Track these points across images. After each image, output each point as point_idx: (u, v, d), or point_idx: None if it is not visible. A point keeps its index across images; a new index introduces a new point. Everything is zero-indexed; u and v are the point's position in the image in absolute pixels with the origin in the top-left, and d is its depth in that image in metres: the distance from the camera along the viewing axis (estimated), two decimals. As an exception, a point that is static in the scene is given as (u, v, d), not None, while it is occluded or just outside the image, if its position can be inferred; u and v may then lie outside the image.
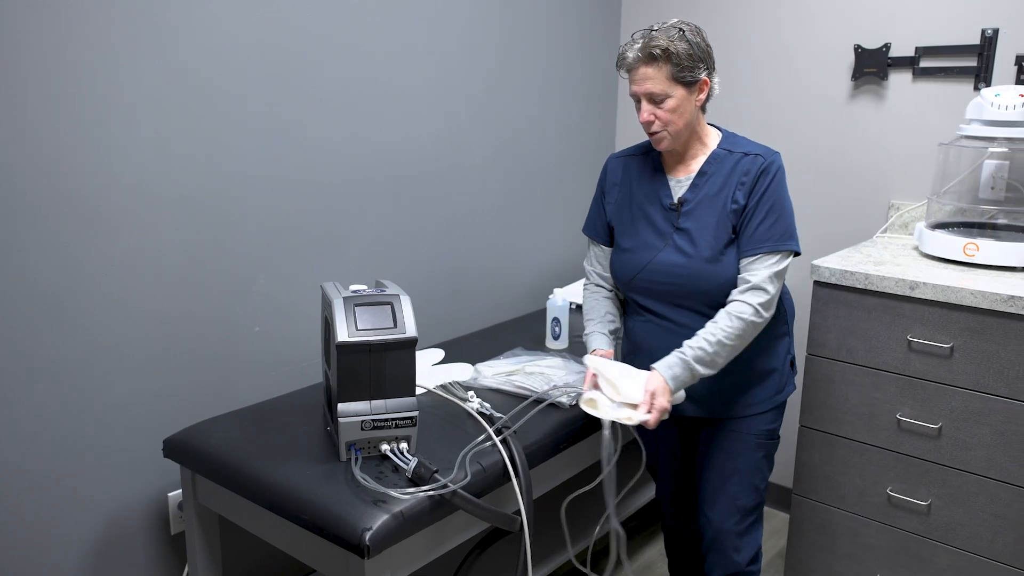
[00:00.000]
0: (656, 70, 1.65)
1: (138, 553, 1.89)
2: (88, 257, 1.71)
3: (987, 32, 2.24)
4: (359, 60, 2.14)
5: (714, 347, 1.66)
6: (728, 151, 1.76)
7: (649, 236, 1.80)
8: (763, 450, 1.83)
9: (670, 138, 1.72)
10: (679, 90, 1.67)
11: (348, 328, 1.55)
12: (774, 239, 1.69)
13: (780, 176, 1.72)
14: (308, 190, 2.08)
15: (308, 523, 1.47)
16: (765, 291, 1.67)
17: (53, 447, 1.72)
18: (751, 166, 1.72)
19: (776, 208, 1.70)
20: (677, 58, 1.64)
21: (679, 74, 1.65)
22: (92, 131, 1.67)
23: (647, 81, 1.66)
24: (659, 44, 1.63)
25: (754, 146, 1.76)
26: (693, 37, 1.67)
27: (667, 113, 1.68)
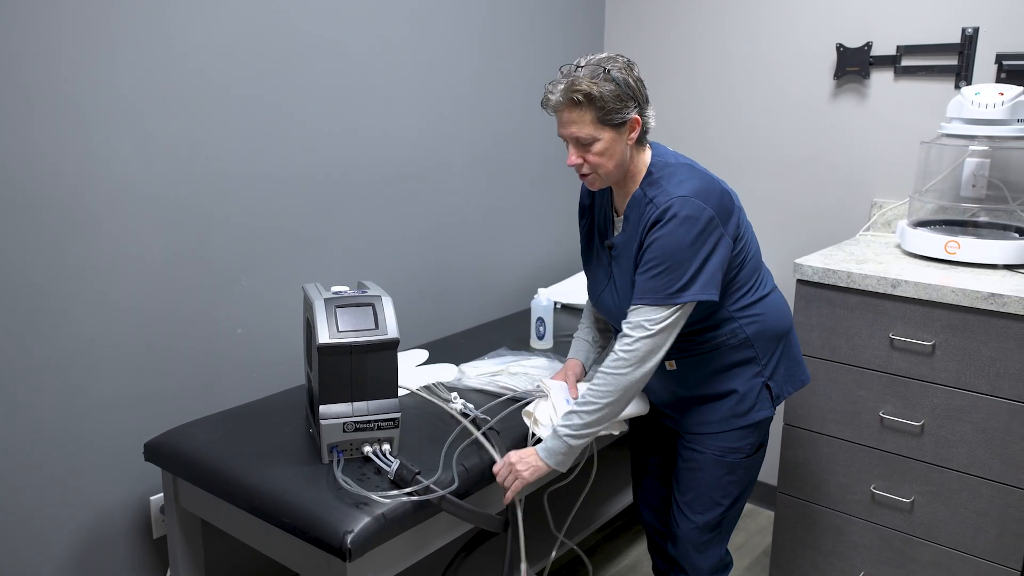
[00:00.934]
0: (580, 114, 1.55)
1: (120, 557, 1.88)
2: (67, 256, 1.69)
3: (967, 31, 2.26)
4: (343, 59, 2.13)
5: (587, 415, 1.60)
6: (644, 194, 1.63)
7: (598, 270, 1.79)
8: (725, 468, 1.74)
9: (600, 179, 1.62)
10: (607, 132, 1.56)
11: (329, 330, 1.54)
12: (652, 293, 1.56)
13: (677, 225, 1.54)
14: (291, 190, 2.07)
15: (290, 526, 1.46)
16: (629, 338, 1.57)
17: (31, 449, 1.70)
18: (650, 215, 1.58)
19: (665, 262, 1.54)
20: (601, 101, 1.53)
21: (605, 117, 1.54)
22: (72, 129, 1.66)
23: (572, 125, 1.56)
24: (580, 88, 1.52)
25: (663, 188, 1.59)
26: (620, 74, 1.55)
27: (596, 156, 1.58)
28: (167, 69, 1.78)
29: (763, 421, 1.74)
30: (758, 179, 2.72)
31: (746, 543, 2.69)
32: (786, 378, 1.78)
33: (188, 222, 1.88)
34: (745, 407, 1.72)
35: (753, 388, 1.72)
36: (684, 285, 1.55)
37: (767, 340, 1.73)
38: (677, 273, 1.54)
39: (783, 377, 1.77)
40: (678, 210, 1.54)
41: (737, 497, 1.79)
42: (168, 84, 1.79)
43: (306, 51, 2.04)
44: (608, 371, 1.59)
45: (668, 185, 1.59)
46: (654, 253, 1.56)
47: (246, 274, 2.01)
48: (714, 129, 2.78)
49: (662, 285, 1.55)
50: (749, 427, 1.73)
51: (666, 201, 1.55)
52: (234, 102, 1.92)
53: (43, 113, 1.61)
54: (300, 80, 2.04)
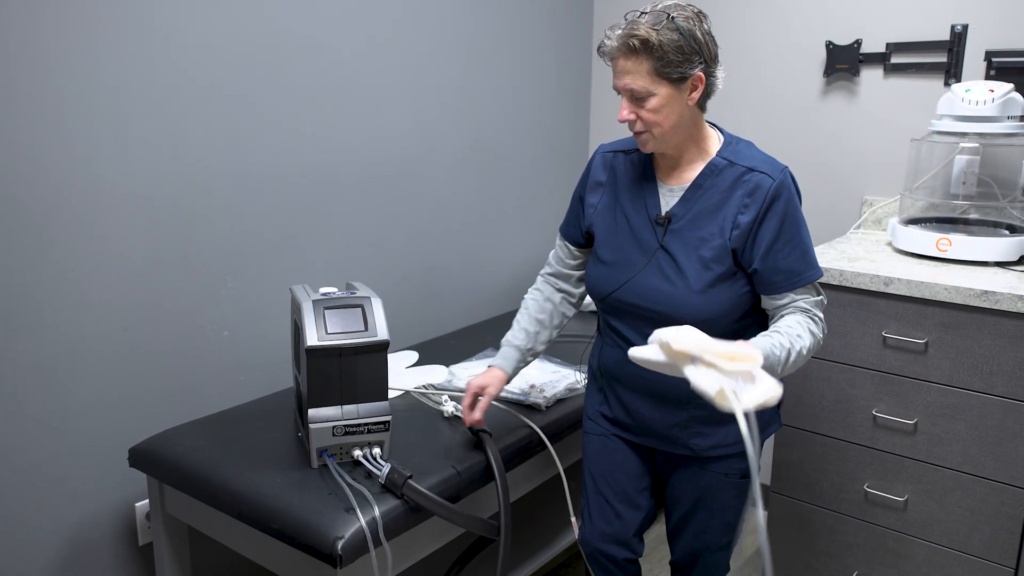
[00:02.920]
0: (636, 63, 1.41)
1: (105, 565, 1.84)
2: (49, 257, 1.66)
3: (956, 28, 2.25)
4: (330, 58, 2.10)
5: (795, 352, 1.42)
6: (729, 162, 1.51)
7: (631, 251, 1.56)
8: (736, 488, 1.64)
9: (655, 140, 1.48)
10: (664, 87, 1.42)
11: (318, 332, 1.52)
12: (805, 271, 1.49)
13: (793, 198, 1.50)
14: (278, 190, 2.04)
15: (279, 532, 1.43)
16: (822, 320, 1.51)
17: (12, 454, 1.66)
18: (759, 187, 1.47)
19: (797, 237, 1.48)
20: (660, 51, 1.39)
21: (663, 69, 1.41)
22: (54, 129, 1.62)
23: (626, 76, 1.43)
24: (639, 34, 1.39)
25: (760, 159, 1.51)
26: (687, 24, 1.41)
27: (650, 113, 1.44)
28: (151, 68, 1.75)
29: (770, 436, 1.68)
30: (748, 177, 2.71)
31: (739, 543, 2.68)
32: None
33: (172, 223, 1.85)
34: (764, 420, 1.62)
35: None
36: (815, 259, 1.52)
37: None
38: (809, 245, 1.51)
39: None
40: (792, 183, 1.51)
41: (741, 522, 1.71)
42: (151, 83, 1.76)
43: (293, 51, 2.02)
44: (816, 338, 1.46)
45: (763, 156, 1.51)
46: (791, 229, 1.48)
47: (232, 276, 1.98)
48: (704, 127, 2.77)
49: (808, 261, 1.49)
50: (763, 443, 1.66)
51: (778, 172, 1.48)
52: (219, 101, 1.89)
53: (24, 112, 1.58)
54: (286, 80, 2.01)
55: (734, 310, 1.52)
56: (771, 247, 1.46)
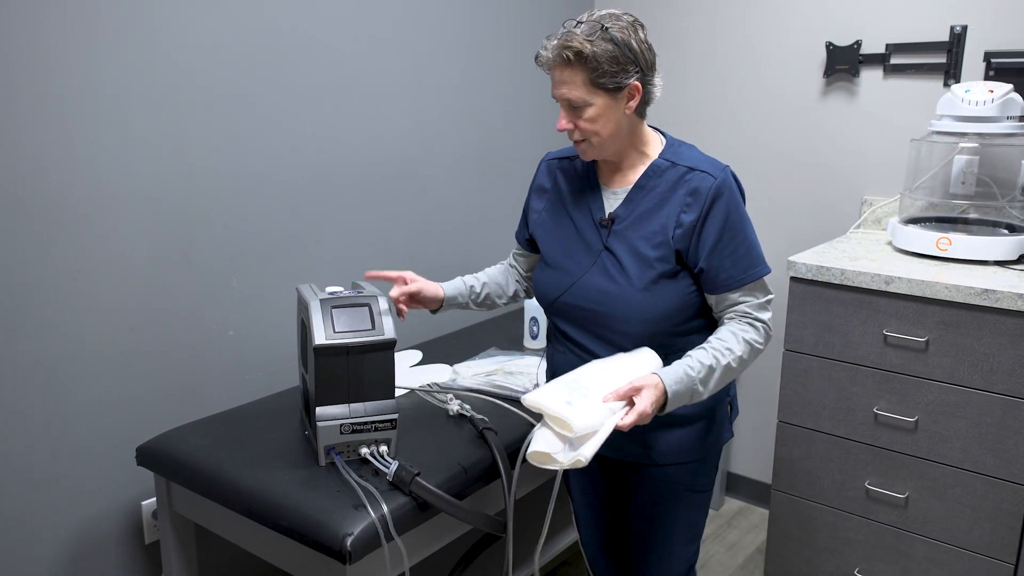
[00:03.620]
0: (571, 74, 1.43)
1: (111, 563, 1.85)
2: (53, 258, 1.67)
3: (956, 29, 2.27)
4: (331, 59, 2.11)
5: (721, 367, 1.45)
6: (671, 163, 1.52)
7: (576, 253, 1.57)
8: (697, 503, 1.65)
9: (594, 149, 1.50)
10: (600, 97, 1.44)
11: (325, 331, 1.53)
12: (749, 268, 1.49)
13: (735, 196, 1.49)
14: (280, 190, 2.05)
15: (288, 529, 1.44)
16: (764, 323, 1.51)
17: (18, 453, 1.67)
18: (700, 185, 1.47)
19: (740, 235, 1.48)
20: (594, 62, 1.41)
21: (598, 80, 1.42)
22: (57, 130, 1.63)
23: (562, 86, 1.45)
24: (572, 46, 1.40)
25: (701, 159, 1.52)
26: (622, 35, 1.42)
27: (587, 123, 1.45)
28: (153, 68, 1.76)
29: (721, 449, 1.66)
30: (748, 177, 2.72)
31: (739, 541, 2.70)
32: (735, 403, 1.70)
33: (176, 223, 1.86)
34: (718, 430, 1.63)
35: (719, 411, 1.62)
36: (761, 256, 1.52)
37: None
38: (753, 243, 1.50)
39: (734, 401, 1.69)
40: (733, 179, 1.50)
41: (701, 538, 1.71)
42: (154, 83, 1.77)
43: (295, 51, 2.03)
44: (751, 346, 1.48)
45: (703, 156, 1.52)
46: (733, 227, 1.47)
47: (236, 276, 1.99)
48: (704, 128, 2.79)
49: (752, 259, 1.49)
50: (717, 452, 1.65)
51: (719, 171, 1.48)
52: (222, 102, 1.90)
53: (27, 113, 1.59)
54: (288, 80, 2.02)
55: (680, 310, 1.52)
56: (715, 245, 1.47)
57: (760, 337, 1.51)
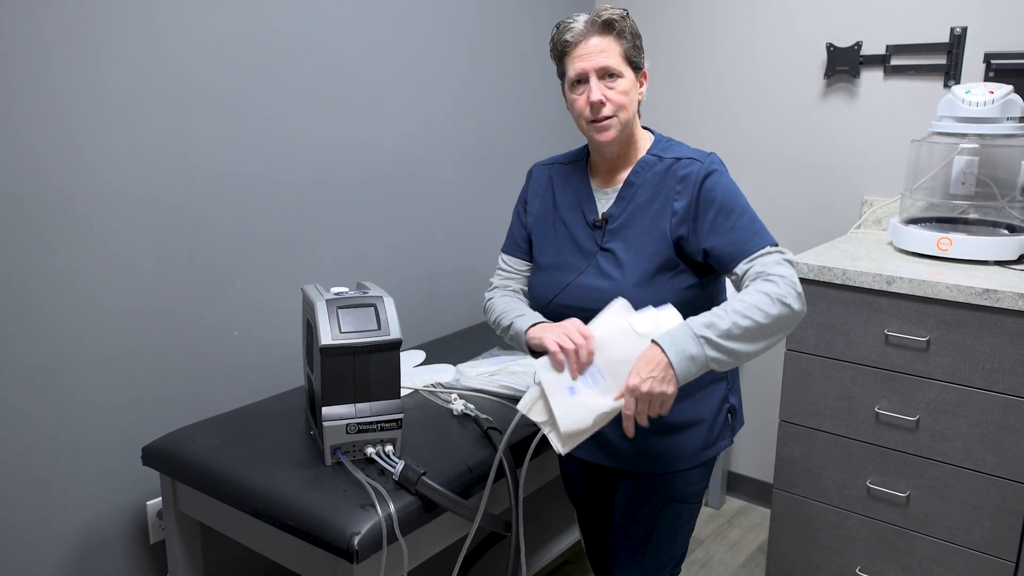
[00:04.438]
0: (610, 43, 1.44)
1: (117, 563, 1.86)
2: (57, 259, 1.67)
3: (956, 30, 2.28)
4: (334, 60, 2.12)
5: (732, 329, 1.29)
6: (659, 157, 1.52)
7: (570, 255, 1.55)
8: (682, 516, 1.59)
9: (619, 126, 1.47)
10: (629, 72, 1.47)
11: (332, 331, 1.53)
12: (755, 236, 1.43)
13: (725, 175, 1.48)
14: (284, 191, 2.06)
15: (295, 529, 1.45)
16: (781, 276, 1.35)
17: (24, 454, 1.68)
18: (688, 172, 1.46)
19: (739, 209, 1.44)
20: (630, 34, 1.47)
21: (630, 52, 1.47)
22: (60, 131, 1.64)
23: (601, 54, 1.43)
24: (611, 16, 1.44)
25: (687, 150, 1.52)
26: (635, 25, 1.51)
27: (619, 95, 1.45)
28: (156, 69, 1.77)
29: (715, 459, 1.59)
30: (749, 178, 2.73)
31: (740, 540, 2.71)
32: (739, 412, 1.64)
33: (180, 224, 1.86)
34: (710, 439, 1.56)
35: (719, 417, 1.57)
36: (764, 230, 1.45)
37: None
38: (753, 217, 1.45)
39: (738, 410, 1.64)
40: (717, 164, 1.47)
41: (682, 556, 1.65)
42: (157, 84, 1.77)
43: (298, 53, 2.03)
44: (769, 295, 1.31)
45: (689, 147, 1.53)
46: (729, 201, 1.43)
47: (240, 276, 1.99)
48: (705, 128, 2.80)
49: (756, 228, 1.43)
50: (709, 463, 1.58)
51: (705, 156, 1.48)
52: (225, 102, 1.90)
53: (31, 114, 1.59)
54: (291, 81, 2.03)
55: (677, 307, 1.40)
56: (714, 222, 1.44)
57: (780, 289, 1.32)
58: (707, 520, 2.83)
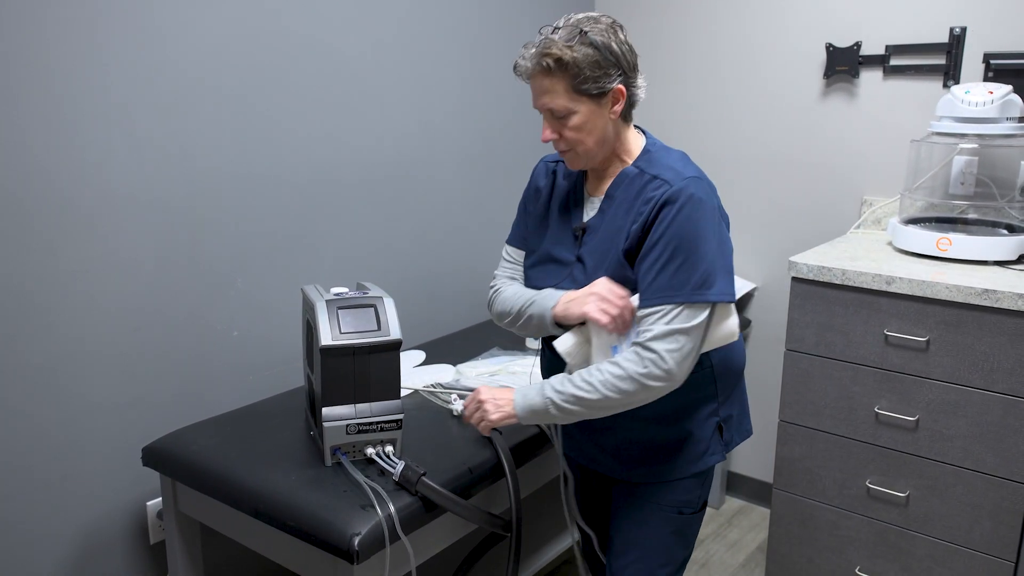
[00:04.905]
0: (552, 82, 1.37)
1: (117, 564, 1.86)
2: (59, 260, 1.67)
3: (955, 30, 2.28)
4: (335, 60, 2.12)
5: (585, 397, 1.38)
6: (640, 170, 1.45)
7: (553, 261, 1.55)
8: (672, 525, 1.56)
9: (580, 158, 1.45)
10: (584, 104, 1.38)
11: (332, 331, 1.53)
12: (675, 289, 1.35)
13: (692, 209, 1.35)
14: (284, 191, 2.06)
15: (295, 529, 1.45)
16: (656, 354, 1.34)
17: (24, 454, 1.68)
18: (654, 194, 1.38)
19: (682, 250, 1.34)
20: (576, 68, 1.35)
21: (581, 86, 1.37)
22: (62, 131, 1.64)
23: (544, 95, 1.40)
24: (552, 53, 1.35)
25: (668, 167, 1.42)
26: (601, 38, 1.36)
27: (572, 132, 1.40)
28: (158, 70, 1.77)
29: (710, 471, 1.57)
30: (748, 178, 2.73)
31: (740, 539, 2.71)
32: (736, 425, 1.60)
33: (181, 224, 1.86)
34: (697, 452, 1.53)
35: (707, 429, 1.54)
36: (709, 280, 1.35)
37: (729, 375, 1.55)
38: (699, 265, 1.34)
39: (735, 423, 1.59)
40: (694, 191, 1.35)
41: (679, 566, 1.61)
42: (159, 85, 1.77)
43: (299, 53, 2.03)
44: (627, 374, 1.35)
45: (675, 165, 1.41)
46: (673, 242, 1.34)
47: (240, 276, 1.99)
48: (705, 129, 2.80)
49: (687, 279, 1.34)
50: (701, 475, 1.56)
51: (679, 180, 1.37)
52: (226, 103, 1.90)
53: (32, 115, 1.59)
54: (292, 81, 2.03)
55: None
56: (647, 255, 1.38)
57: (643, 368, 1.34)
58: (707, 520, 2.83)
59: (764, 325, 2.78)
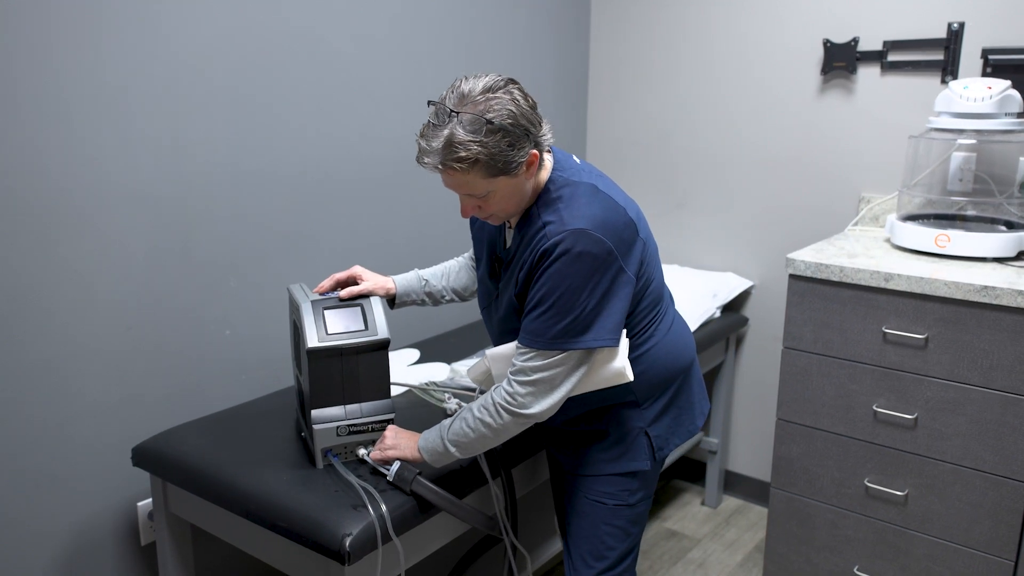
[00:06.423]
0: (468, 177, 1.34)
1: (107, 565, 1.84)
2: (50, 256, 1.65)
3: (953, 26, 2.27)
4: (330, 56, 2.10)
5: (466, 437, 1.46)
6: (538, 214, 1.43)
7: (486, 281, 1.62)
8: (602, 514, 1.60)
9: (502, 218, 1.46)
10: (501, 181, 1.36)
11: (318, 333, 1.51)
12: (536, 335, 1.38)
13: (569, 263, 1.35)
14: (279, 188, 2.04)
15: (286, 530, 1.43)
16: (513, 388, 1.41)
17: (13, 454, 1.66)
18: (540, 244, 1.38)
19: (550, 299, 1.36)
20: (490, 159, 1.31)
21: (497, 171, 1.34)
22: (56, 126, 1.62)
23: (461, 187, 1.37)
24: (462, 156, 1.30)
25: (559, 214, 1.39)
26: (508, 119, 1.31)
27: (494, 204, 1.40)
28: (153, 65, 1.75)
29: (641, 473, 1.60)
30: (745, 175, 2.72)
31: (738, 539, 2.69)
32: (672, 428, 1.62)
33: (174, 221, 1.84)
34: (617, 453, 1.58)
35: (627, 434, 1.57)
36: (575, 329, 1.37)
37: (651, 385, 1.57)
38: (567, 315, 1.36)
39: (668, 427, 1.61)
40: (571, 244, 1.34)
41: (624, 554, 1.64)
42: (154, 80, 1.76)
43: (294, 49, 2.01)
44: (490, 410, 1.43)
45: (564, 211, 1.39)
46: (542, 290, 1.37)
47: (233, 274, 1.98)
48: (701, 126, 2.78)
49: (547, 327, 1.37)
50: (627, 475, 1.59)
51: (558, 232, 1.36)
52: (221, 99, 1.88)
53: (26, 108, 1.57)
54: (288, 78, 2.01)
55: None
56: (530, 301, 1.40)
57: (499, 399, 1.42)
58: (704, 519, 2.82)
59: (761, 323, 2.76)
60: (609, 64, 2.94)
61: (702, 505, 2.91)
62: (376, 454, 1.54)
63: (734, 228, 2.77)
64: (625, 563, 1.65)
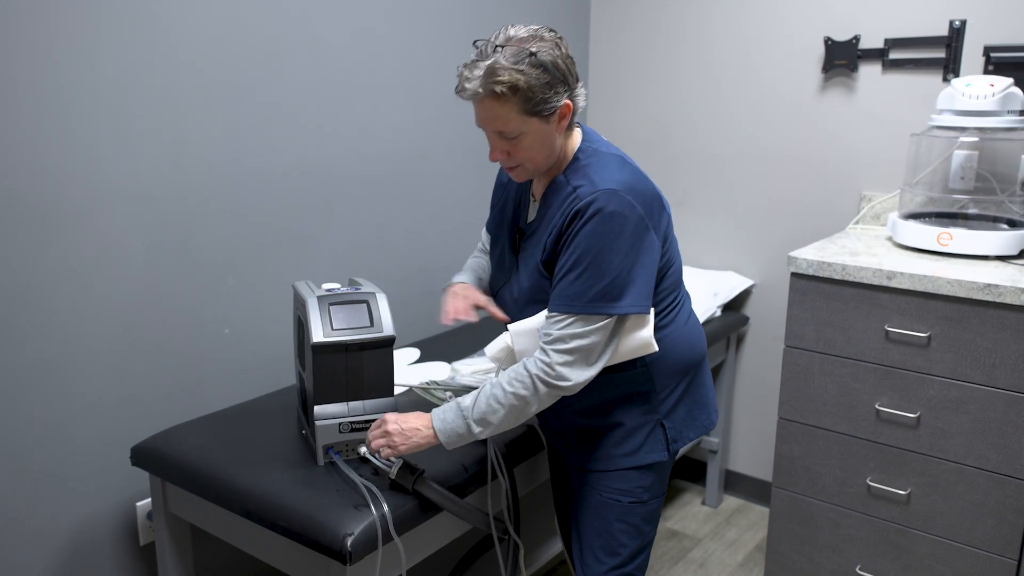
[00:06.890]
0: (504, 107, 1.35)
1: (106, 566, 1.83)
2: (49, 255, 1.64)
3: (955, 23, 2.26)
4: (330, 55, 2.09)
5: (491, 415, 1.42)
6: (566, 180, 1.45)
7: (503, 258, 1.61)
8: (614, 513, 1.58)
9: (528, 172, 1.46)
10: (534, 123, 1.37)
11: (323, 328, 1.51)
12: (572, 299, 1.38)
13: (603, 222, 1.35)
14: (278, 186, 2.03)
15: (287, 530, 1.42)
16: (548, 357, 1.39)
17: (12, 454, 1.65)
18: (572, 206, 1.39)
19: (583, 262, 1.36)
20: (528, 92, 1.34)
21: (533, 108, 1.36)
22: (54, 124, 1.61)
23: (494, 121, 1.38)
24: (503, 80, 1.32)
25: (589, 178, 1.41)
26: (548, 56, 1.35)
27: (524, 150, 1.41)
28: (152, 63, 1.74)
29: (656, 465, 1.58)
30: (747, 174, 2.71)
31: (739, 538, 2.69)
32: (686, 421, 1.60)
33: (173, 219, 1.83)
34: (632, 446, 1.55)
35: (643, 426, 1.56)
36: (612, 293, 1.36)
37: (669, 373, 1.56)
38: (603, 277, 1.36)
39: (682, 420, 1.59)
40: (604, 204, 1.35)
41: (636, 552, 1.62)
42: (153, 78, 1.74)
43: (294, 47, 2.00)
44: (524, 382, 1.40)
45: (595, 175, 1.41)
46: (576, 252, 1.37)
47: (232, 273, 1.96)
48: (702, 125, 2.77)
49: (583, 290, 1.36)
50: (641, 469, 1.57)
51: (591, 193, 1.37)
52: (220, 97, 1.87)
53: (25, 106, 1.56)
54: (287, 76, 2.00)
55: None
56: (561, 266, 1.40)
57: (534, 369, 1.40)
58: (705, 519, 2.81)
59: (763, 322, 2.75)
60: (609, 63, 2.94)
61: (703, 505, 2.90)
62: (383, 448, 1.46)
63: (734, 227, 2.76)
64: (636, 561, 1.63)
